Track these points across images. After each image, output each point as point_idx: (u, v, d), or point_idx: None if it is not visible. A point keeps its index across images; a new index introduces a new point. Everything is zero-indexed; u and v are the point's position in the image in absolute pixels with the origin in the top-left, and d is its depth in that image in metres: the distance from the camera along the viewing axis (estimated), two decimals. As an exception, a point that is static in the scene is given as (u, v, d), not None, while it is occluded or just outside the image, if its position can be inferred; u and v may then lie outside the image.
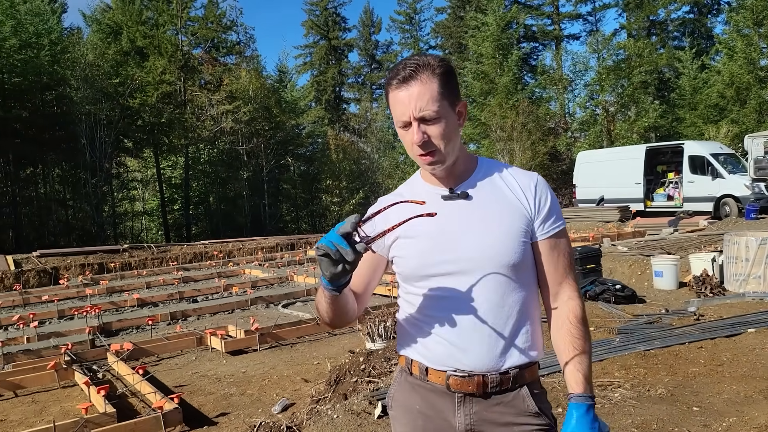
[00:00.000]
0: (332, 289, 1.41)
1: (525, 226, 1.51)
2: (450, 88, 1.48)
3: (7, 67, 23.88)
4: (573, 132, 33.63)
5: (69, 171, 27.81)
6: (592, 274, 8.47)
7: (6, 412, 5.60)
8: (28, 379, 6.21)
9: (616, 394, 4.22)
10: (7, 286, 14.78)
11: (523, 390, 1.50)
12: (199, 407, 5.28)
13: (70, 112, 25.75)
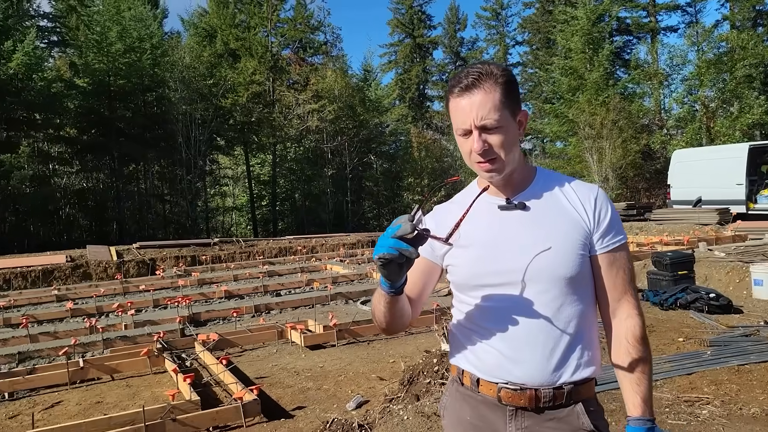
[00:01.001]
0: (392, 292, 1.41)
1: (583, 239, 1.48)
2: (512, 97, 1.47)
3: (113, 70, 25.59)
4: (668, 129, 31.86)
5: (167, 168, 29.43)
6: (684, 281, 8.01)
7: (103, 395, 6.02)
8: (123, 364, 6.64)
9: (704, 411, 3.97)
10: (110, 275, 15.88)
11: (578, 407, 1.46)
12: (278, 400, 5.44)
13: (168, 112, 27.27)
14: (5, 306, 11.66)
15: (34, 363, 7.18)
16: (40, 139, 26.11)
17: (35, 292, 13.59)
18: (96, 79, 25.55)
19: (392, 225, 1.31)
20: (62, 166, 27.75)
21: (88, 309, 10.65)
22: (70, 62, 28.72)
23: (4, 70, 21.53)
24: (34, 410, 5.65)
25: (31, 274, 15.49)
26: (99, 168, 27.44)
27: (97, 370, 6.51)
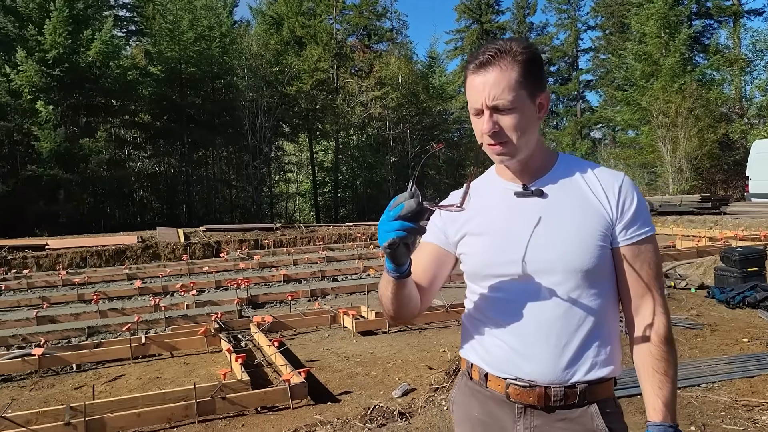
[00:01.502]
0: (399, 275, 1.35)
1: (603, 230, 1.38)
2: (532, 77, 1.37)
3: (184, 58, 26.46)
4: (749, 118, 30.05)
5: (234, 154, 30.25)
6: (754, 278, 7.54)
7: (162, 370, 6.25)
8: (182, 342, 6.88)
9: (764, 417, 3.72)
10: (177, 256, 16.51)
11: (592, 407, 1.37)
12: (326, 383, 5.50)
13: (235, 99, 27.99)
14: (80, 282, 12.34)
15: (102, 337, 7.56)
16: (116, 125, 27.37)
17: (108, 270, 14.28)
18: (168, 66, 26.50)
19: (390, 207, 1.24)
20: (136, 151, 29.03)
21: (154, 288, 11.11)
22: (145, 50, 29.89)
23: (83, 58, 22.61)
24: (98, 382, 5.94)
25: (105, 253, 16.30)
26: (170, 153, 28.51)
27: (158, 346, 6.77)
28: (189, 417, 4.60)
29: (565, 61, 52.63)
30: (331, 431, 3.74)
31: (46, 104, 22.10)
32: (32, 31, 22.25)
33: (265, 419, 4.62)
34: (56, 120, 22.62)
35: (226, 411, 4.70)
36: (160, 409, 4.59)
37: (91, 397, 5.04)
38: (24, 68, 21.67)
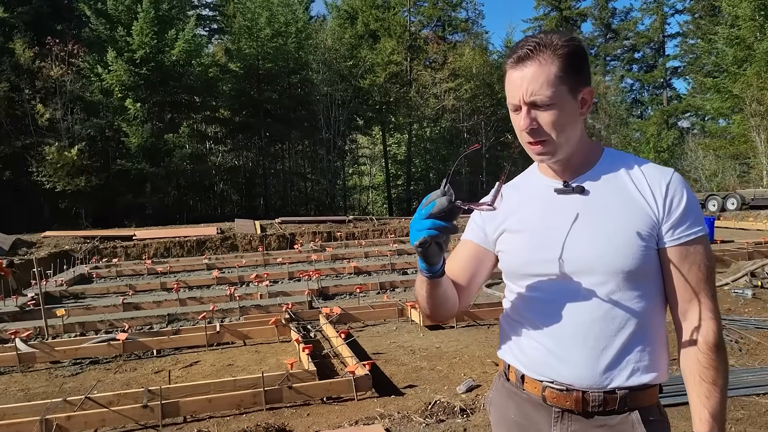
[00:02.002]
0: (431, 275, 1.32)
1: (648, 229, 1.30)
2: (574, 71, 1.30)
3: (262, 54, 27.21)
4: None
5: (309, 147, 30.86)
6: None
7: (234, 358, 6.47)
8: (254, 331, 7.09)
9: None
10: (253, 247, 17.05)
11: (633, 415, 1.30)
12: (391, 376, 5.51)
13: (310, 94, 28.53)
14: (163, 271, 12.98)
15: (180, 325, 7.90)
16: (198, 120, 28.54)
17: (189, 260, 14.94)
18: (246, 63, 27.33)
19: (422, 206, 1.20)
20: (217, 145, 30.15)
21: (231, 278, 11.52)
22: (225, 48, 30.95)
23: (167, 57, 23.68)
24: (176, 367, 6.22)
25: (186, 244, 17.07)
26: (248, 147, 29.45)
27: (231, 335, 7.00)
28: (257, 404, 4.73)
29: (651, 47, 50.23)
30: (388, 424, 3.74)
31: (134, 102, 23.35)
32: (121, 32, 23.53)
33: (329, 409, 4.69)
34: (143, 117, 23.85)
35: (292, 400, 4.80)
36: (230, 396, 4.75)
37: (168, 382, 5.28)
38: (114, 68, 22.95)
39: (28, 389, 5.75)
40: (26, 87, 23.34)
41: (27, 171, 22.74)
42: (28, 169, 22.63)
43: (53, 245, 16.79)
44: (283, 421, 4.36)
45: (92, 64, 23.64)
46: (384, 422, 3.77)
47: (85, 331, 7.83)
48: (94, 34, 24.59)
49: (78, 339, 7.25)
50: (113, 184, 23.69)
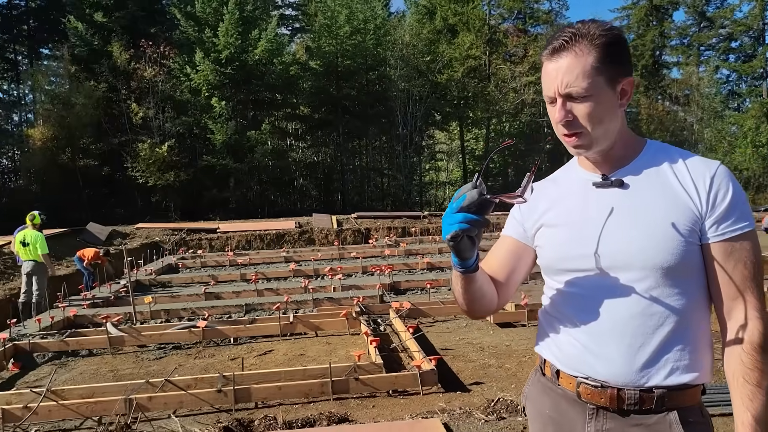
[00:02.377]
0: (465, 270, 1.32)
1: (690, 224, 1.25)
2: (611, 61, 1.26)
3: (341, 51, 27.64)
4: None
5: (386, 143, 31.08)
6: None
7: (306, 348, 6.65)
8: (326, 322, 7.26)
9: None
10: (330, 241, 17.39)
11: (671, 415, 1.25)
12: (458, 372, 5.50)
13: (388, 90, 28.70)
14: (243, 263, 13.48)
15: (257, 314, 8.19)
16: (279, 118, 29.38)
17: (268, 252, 15.44)
18: (326, 60, 27.85)
19: (454, 200, 1.21)
20: (297, 142, 30.94)
21: (306, 270, 11.81)
22: (306, 46, 31.66)
23: (251, 57, 24.52)
24: (250, 355, 6.47)
25: (266, 237, 17.64)
26: (327, 143, 30.01)
27: (304, 326, 7.20)
28: (324, 394, 4.85)
29: (749, 36, 46.92)
30: (447, 419, 3.74)
31: (219, 100, 24.36)
32: (208, 33, 24.57)
33: (394, 402, 4.73)
34: (228, 114, 24.82)
35: (359, 391, 4.89)
36: (299, 384, 4.90)
37: (241, 369, 5.51)
38: (202, 68, 24.02)
39: (117, 370, 6.15)
40: (122, 87, 24.84)
41: (123, 166, 24.24)
42: (124, 165, 24.11)
43: (145, 236, 17.81)
44: (348, 412, 4.45)
45: (182, 65, 24.85)
46: (443, 417, 3.77)
47: (169, 317, 8.27)
48: (183, 36, 25.82)
49: (163, 325, 7.67)
50: (199, 179, 24.83)
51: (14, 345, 6.64)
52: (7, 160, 29.48)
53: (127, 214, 24.11)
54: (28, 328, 7.60)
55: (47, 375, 5.79)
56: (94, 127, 24.35)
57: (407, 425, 3.64)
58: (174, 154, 24.11)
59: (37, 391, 4.81)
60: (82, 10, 25.78)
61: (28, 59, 32.36)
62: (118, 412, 4.49)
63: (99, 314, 8.15)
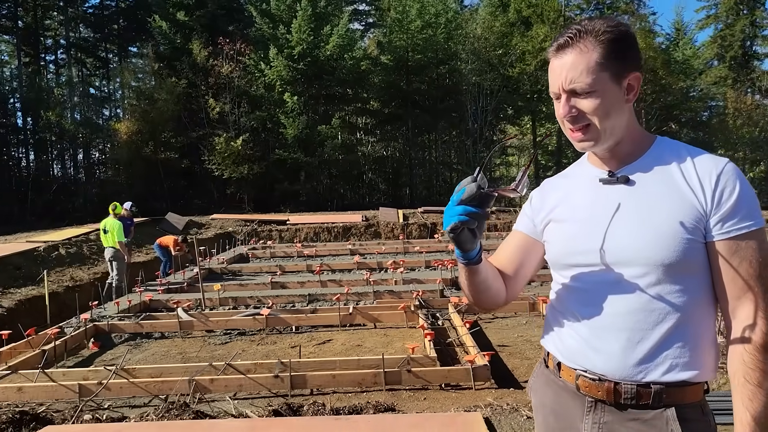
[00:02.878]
0: (467, 261, 1.35)
1: (694, 222, 1.24)
2: (618, 57, 1.27)
3: (412, 45, 27.66)
4: None
5: (455, 137, 30.89)
6: None
7: (364, 339, 6.77)
8: (384, 315, 7.36)
9: None
10: (395, 235, 17.52)
11: (668, 411, 1.25)
12: (512, 369, 5.45)
13: (458, 84, 28.47)
14: (310, 254, 13.82)
15: (319, 305, 8.40)
16: (349, 112, 29.75)
17: (335, 245, 15.75)
18: (397, 55, 27.95)
19: (455, 193, 1.24)
20: (366, 136, 31.23)
21: (370, 263, 11.97)
22: (377, 41, 31.87)
23: (322, 52, 24.95)
24: (310, 344, 6.66)
25: (334, 230, 17.98)
26: (396, 137, 30.14)
27: (363, 317, 7.33)
28: (377, 384, 4.94)
29: None
30: (489, 413, 3.73)
31: (291, 95, 24.95)
32: (282, 30, 25.18)
33: (446, 396, 4.76)
34: (299, 109, 25.40)
35: (411, 383, 4.95)
36: (353, 374, 5.01)
37: (298, 356, 5.68)
38: (275, 64, 24.66)
39: (185, 353, 6.48)
40: (201, 83, 25.88)
41: (200, 159, 25.28)
42: (201, 158, 25.14)
43: (219, 227, 18.56)
44: (398, 403, 4.51)
45: (256, 61, 25.60)
46: (485, 411, 3.77)
47: (237, 305, 8.61)
48: (258, 33, 26.58)
49: (229, 312, 8.01)
50: (272, 172, 25.55)
51: (95, 325, 7.12)
52: (98, 152, 31.38)
53: (203, 205, 25.19)
54: (107, 310, 8.13)
55: (123, 355, 6.18)
56: (175, 122, 25.52)
57: (448, 417, 3.66)
58: (248, 148, 24.92)
59: (110, 368, 5.16)
60: (166, 9, 27.03)
61: (118, 57, 34.29)
62: (181, 391, 4.75)
63: (172, 300, 8.59)
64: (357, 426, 3.43)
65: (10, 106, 27.60)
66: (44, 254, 12.27)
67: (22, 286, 10.26)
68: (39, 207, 23.60)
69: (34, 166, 27.97)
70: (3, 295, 9.54)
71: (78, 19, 33.77)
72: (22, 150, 29.34)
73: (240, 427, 3.62)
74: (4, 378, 5.36)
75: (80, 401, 4.71)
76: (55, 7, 32.21)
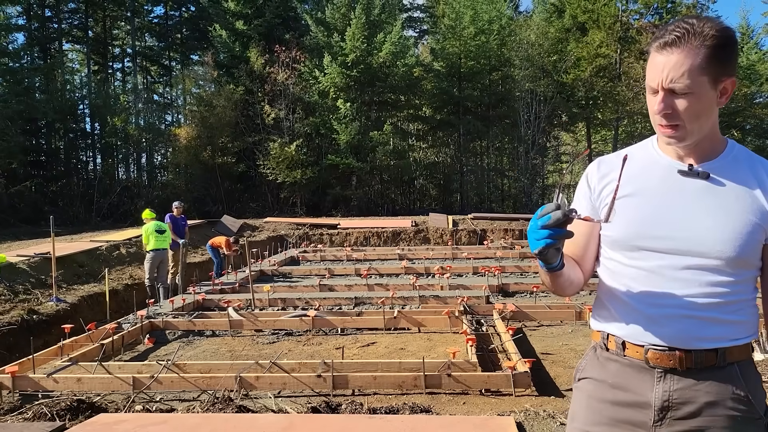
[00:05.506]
0: (551, 269, 1.45)
1: (761, 223, 1.40)
2: (718, 62, 1.35)
3: (464, 52, 27.59)
4: None
5: (508, 144, 30.57)
6: None
7: (407, 343, 6.84)
8: (428, 319, 7.40)
9: None
10: (444, 241, 17.50)
11: (733, 368, 1.43)
12: (554, 377, 5.41)
13: (511, 90, 28.21)
14: (359, 258, 13.97)
15: (365, 308, 8.51)
16: (401, 119, 29.89)
17: (384, 249, 15.86)
18: (449, 62, 27.94)
19: (538, 216, 1.35)
20: (417, 142, 31.29)
21: (417, 268, 12.03)
22: (430, 48, 31.92)
23: (375, 59, 25.20)
24: (354, 346, 6.77)
25: (383, 234, 18.11)
26: (447, 143, 30.07)
27: (407, 321, 7.40)
28: (417, 387, 5.00)
29: None
30: (522, 418, 3.72)
31: (345, 102, 25.29)
32: (336, 38, 25.58)
33: (485, 401, 4.77)
34: (352, 115, 25.70)
35: (450, 387, 4.98)
36: (393, 376, 5.09)
37: (341, 357, 5.80)
38: (329, 71, 25.06)
39: (234, 351, 6.70)
40: (257, 90, 26.56)
41: (255, 164, 25.93)
42: (256, 162, 25.77)
43: (272, 230, 18.99)
44: (436, 406, 4.56)
45: (311, 69, 26.08)
46: (520, 416, 3.77)
47: (285, 306, 8.83)
48: (313, 41, 27.08)
49: (278, 312, 8.22)
50: (324, 177, 25.93)
51: (150, 322, 7.45)
52: (160, 156, 32.61)
53: (258, 208, 25.78)
54: (162, 308, 8.48)
55: (175, 351, 6.45)
56: (232, 127, 26.25)
57: (480, 419, 3.69)
58: (301, 153, 25.38)
59: (162, 363, 5.40)
60: (226, 19, 27.88)
61: (180, 65, 35.58)
62: (227, 387, 4.93)
63: (223, 299, 8.88)
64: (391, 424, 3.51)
65: (79, 112, 28.99)
66: (106, 253, 12.88)
67: (85, 283, 10.81)
68: (104, 208, 24.70)
69: (100, 169, 29.28)
70: (67, 291, 10.08)
71: (144, 29, 35.27)
72: (89, 154, 30.78)
73: (279, 422, 3.75)
74: (65, 369, 5.69)
75: (133, 393, 4.96)
76: (123, 17, 33.73)
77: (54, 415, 4.11)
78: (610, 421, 1.49)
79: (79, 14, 31.70)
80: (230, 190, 26.73)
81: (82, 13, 31.48)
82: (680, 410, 1.40)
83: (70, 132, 28.29)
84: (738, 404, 1.39)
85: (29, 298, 9.21)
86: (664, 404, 1.42)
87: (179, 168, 28.50)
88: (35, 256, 10.98)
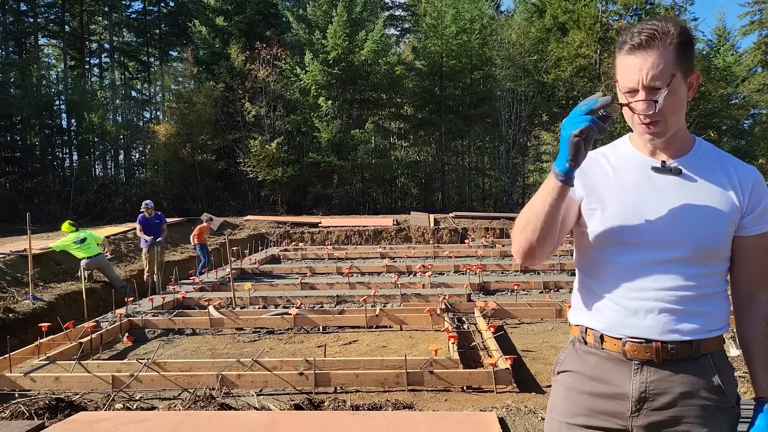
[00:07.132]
0: (566, 178, 1.39)
1: (734, 217, 1.48)
2: (686, 59, 1.43)
3: (446, 51, 27.67)
4: None
5: (488, 143, 30.74)
6: None
7: (389, 341, 6.85)
8: (410, 317, 7.42)
9: None
10: (426, 239, 17.55)
11: (707, 359, 1.47)
12: (535, 374, 5.46)
13: (492, 90, 28.36)
14: (340, 257, 13.95)
15: (346, 306, 8.50)
16: (382, 117, 29.90)
17: (365, 248, 15.85)
18: (431, 60, 28.00)
19: (582, 105, 1.34)
20: (399, 140, 31.33)
21: (399, 267, 12.05)
22: (412, 46, 31.97)
23: (357, 57, 25.17)
24: (336, 344, 6.77)
25: (365, 233, 18.10)
26: (429, 142, 30.15)
27: (389, 319, 7.40)
28: (399, 384, 5.01)
29: None
30: (504, 414, 3.76)
31: (326, 100, 25.21)
32: (318, 35, 25.49)
33: (467, 398, 4.80)
34: (334, 113, 25.64)
35: (433, 385, 5.01)
36: (375, 374, 5.09)
37: (323, 355, 5.79)
38: (311, 69, 24.97)
39: (215, 349, 6.66)
40: (238, 87, 26.36)
41: (236, 162, 25.75)
42: (237, 160, 25.60)
43: (252, 228, 18.87)
44: (419, 403, 4.58)
45: (292, 66, 25.96)
46: (501, 411, 3.80)
47: (266, 304, 8.78)
48: (294, 39, 26.96)
49: (259, 311, 8.17)
50: (305, 175, 25.85)
51: (129, 320, 7.37)
52: (138, 153, 32.22)
53: (239, 206, 25.61)
54: (142, 307, 8.38)
55: (155, 349, 6.38)
56: (212, 124, 26.03)
57: (462, 415, 3.71)
58: (282, 151, 25.26)
59: (142, 361, 5.34)
60: (206, 15, 27.63)
61: (159, 61, 35.18)
62: (209, 385, 4.90)
63: (204, 297, 8.81)
64: (374, 421, 3.51)
65: (56, 107, 28.53)
66: (84, 251, 12.67)
67: (62, 281, 10.64)
68: (80, 206, 24.35)
69: (77, 166, 28.84)
70: (44, 289, 9.91)
71: (122, 24, 34.82)
72: (65, 150, 30.31)
73: (262, 419, 3.73)
74: (43, 368, 5.60)
75: (113, 392, 4.90)
76: (100, 12, 33.26)
77: (32, 413, 4.05)
78: (588, 412, 1.51)
79: (56, 8, 31.22)
80: (210, 188, 26.52)
81: (59, 7, 30.99)
82: (656, 401, 1.45)
83: (45, 128, 27.84)
84: (711, 394, 1.44)
85: (5, 297, 9.04)
86: (641, 395, 1.45)
87: (158, 165, 28.20)
88: (11, 254, 10.78)
